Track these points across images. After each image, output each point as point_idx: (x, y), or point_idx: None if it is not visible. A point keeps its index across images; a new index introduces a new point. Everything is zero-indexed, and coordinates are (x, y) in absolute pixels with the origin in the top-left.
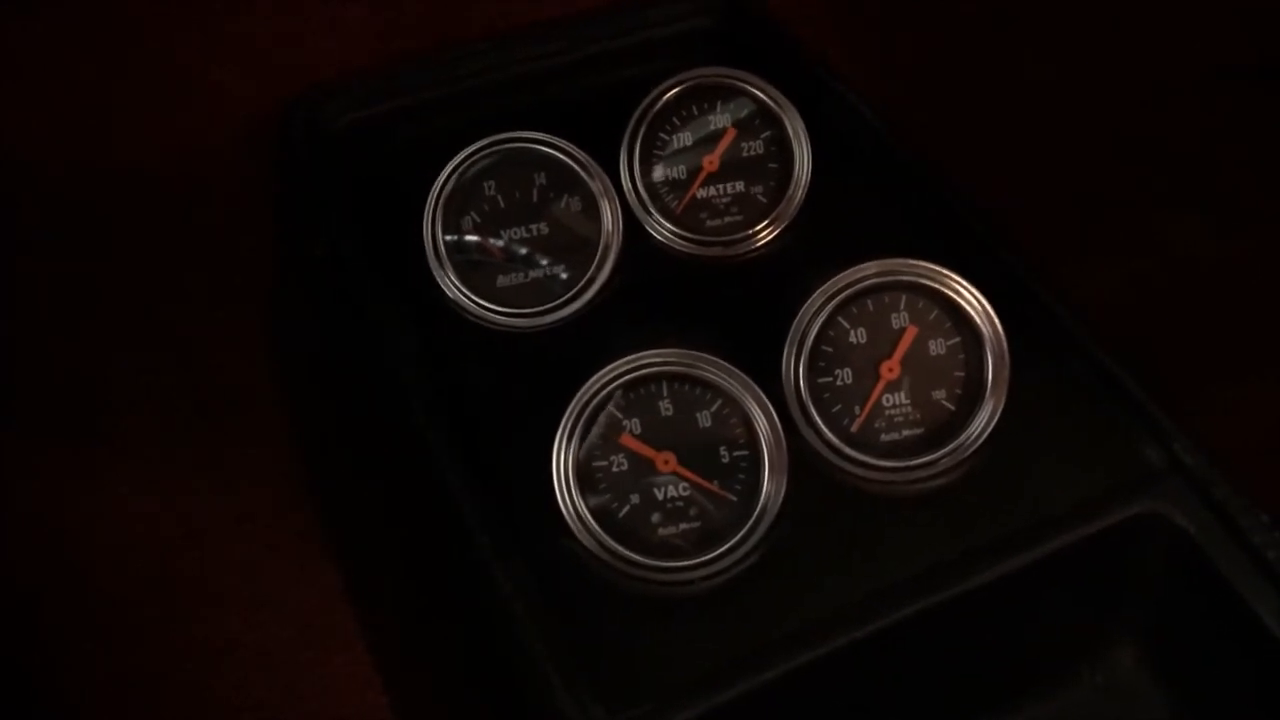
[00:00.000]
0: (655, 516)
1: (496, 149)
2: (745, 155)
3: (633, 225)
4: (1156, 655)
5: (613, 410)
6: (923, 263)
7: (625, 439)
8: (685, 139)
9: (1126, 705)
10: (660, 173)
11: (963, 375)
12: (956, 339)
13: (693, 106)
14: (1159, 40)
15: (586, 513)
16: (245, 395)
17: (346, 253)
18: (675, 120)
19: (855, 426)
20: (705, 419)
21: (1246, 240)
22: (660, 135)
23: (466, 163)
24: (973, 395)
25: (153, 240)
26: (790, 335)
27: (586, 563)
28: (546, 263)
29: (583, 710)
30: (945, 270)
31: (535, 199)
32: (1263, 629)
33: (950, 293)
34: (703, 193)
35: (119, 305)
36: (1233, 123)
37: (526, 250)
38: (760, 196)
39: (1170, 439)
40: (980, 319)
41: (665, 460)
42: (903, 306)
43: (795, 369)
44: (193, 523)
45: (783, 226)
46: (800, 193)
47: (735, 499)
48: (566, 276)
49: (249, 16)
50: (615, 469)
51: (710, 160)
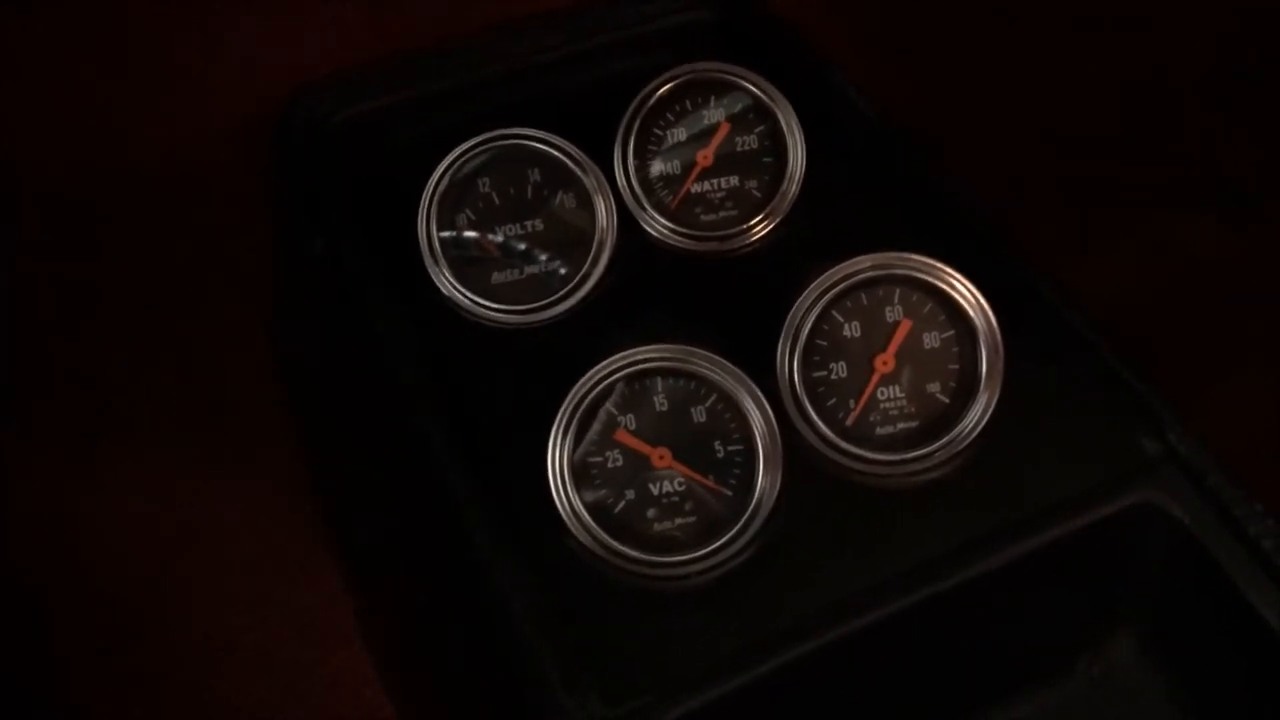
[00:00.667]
0: (651, 512)
1: (490, 145)
2: (739, 150)
3: (627, 221)
4: (1153, 645)
5: (608, 406)
6: (917, 256)
7: (620, 435)
8: (679, 134)
9: (1123, 695)
10: (655, 168)
11: (957, 368)
12: (951, 332)
13: (686, 101)
14: (1159, 39)
15: (582, 509)
16: (245, 395)
17: (344, 250)
18: (669, 115)
19: (850, 420)
20: (700, 414)
21: (1247, 238)
22: (654, 130)
23: (461, 160)
24: (967, 388)
25: (153, 240)
26: (785, 329)
27: (583, 558)
28: (542, 259)
29: (581, 705)
30: (939, 264)
31: (530, 195)
32: (1258, 618)
33: (944, 286)
34: (697, 187)
35: (119, 305)
36: (1234, 121)
37: (521, 246)
38: (755, 191)
39: (1165, 429)
40: (974, 312)
41: (660, 455)
42: (897, 300)
43: (790, 363)
44: (193, 523)
45: (777, 221)
46: (794, 187)
47: (731, 493)
48: (562, 273)
49: (248, 16)
50: (610, 465)
51: (704, 155)
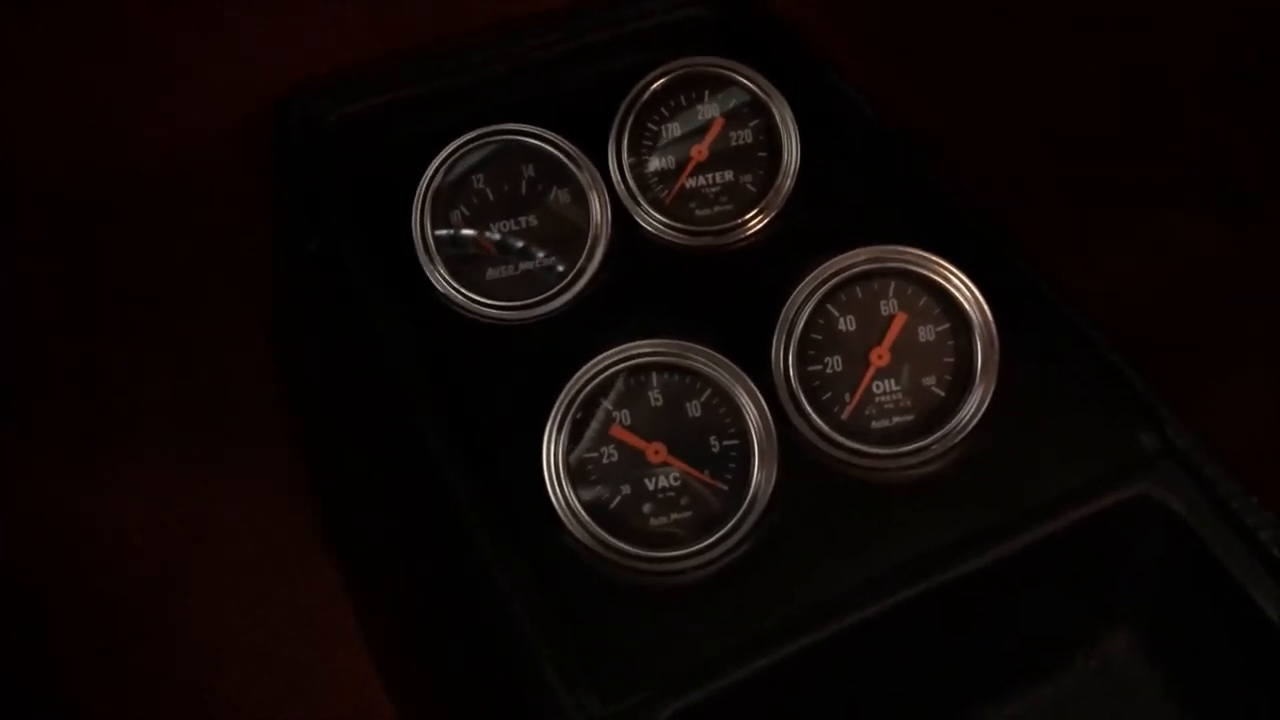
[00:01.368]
0: (647, 507)
1: (484, 142)
2: (734, 144)
3: (622, 216)
4: (1150, 639)
5: (603, 402)
6: (912, 249)
7: (615, 430)
8: (674, 129)
9: (1121, 689)
10: (649, 163)
11: (953, 361)
12: (946, 325)
13: (681, 96)
14: (1159, 39)
15: (578, 504)
16: (245, 395)
17: (342, 249)
18: (664, 110)
19: (846, 414)
20: (695, 409)
21: (1247, 238)
22: (649, 126)
23: (454, 156)
24: (963, 381)
25: (153, 240)
26: (780, 324)
27: (580, 554)
28: (537, 255)
29: (579, 701)
30: (934, 257)
31: (524, 191)
32: (1256, 611)
33: (939, 279)
34: (692, 182)
35: (119, 305)
36: (1234, 121)
37: (517, 243)
38: (749, 185)
39: (1162, 423)
40: (969, 305)
41: (655, 451)
42: (892, 293)
43: (785, 357)
44: (193, 523)
45: (772, 215)
46: (789, 181)
47: (726, 488)
48: (557, 269)
49: (248, 16)
50: (606, 460)
51: (699, 150)
